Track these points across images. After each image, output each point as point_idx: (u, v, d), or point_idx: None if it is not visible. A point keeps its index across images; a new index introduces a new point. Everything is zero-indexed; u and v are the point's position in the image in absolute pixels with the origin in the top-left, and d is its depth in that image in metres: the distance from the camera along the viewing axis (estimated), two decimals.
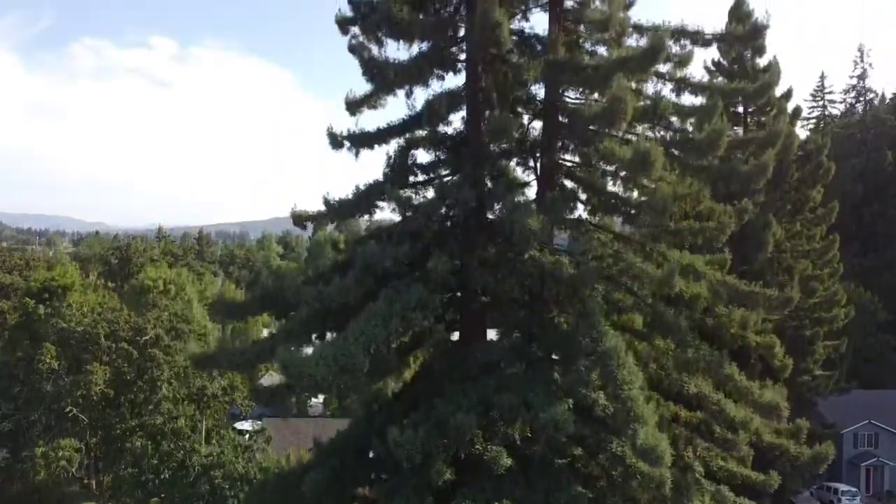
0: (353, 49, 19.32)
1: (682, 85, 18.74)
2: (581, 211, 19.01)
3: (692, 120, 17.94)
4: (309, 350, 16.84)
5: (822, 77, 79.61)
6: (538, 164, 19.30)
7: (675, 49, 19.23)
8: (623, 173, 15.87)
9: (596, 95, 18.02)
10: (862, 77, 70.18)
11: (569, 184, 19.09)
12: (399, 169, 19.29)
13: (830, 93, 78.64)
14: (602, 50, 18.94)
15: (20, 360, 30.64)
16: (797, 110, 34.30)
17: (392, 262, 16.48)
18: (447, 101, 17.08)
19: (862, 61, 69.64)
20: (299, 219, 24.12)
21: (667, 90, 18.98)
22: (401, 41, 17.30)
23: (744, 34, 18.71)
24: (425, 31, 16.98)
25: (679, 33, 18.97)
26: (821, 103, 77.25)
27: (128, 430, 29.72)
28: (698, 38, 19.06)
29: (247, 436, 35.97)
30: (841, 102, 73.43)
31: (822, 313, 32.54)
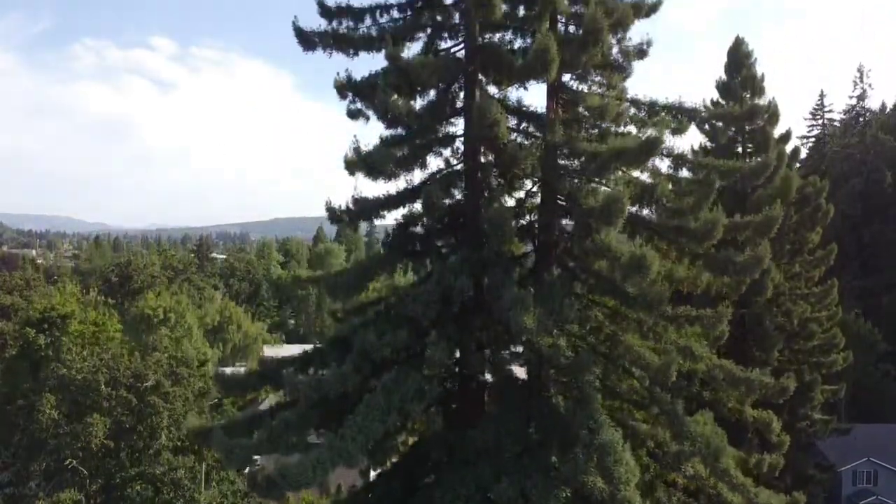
0: (352, 115, 19.48)
1: (679, 162, 18.79)
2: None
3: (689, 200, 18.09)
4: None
5: (822, 96, 79.66)
6: (536, 239, 19.41)
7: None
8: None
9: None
10: (861, 98, 70.28)
11: (566, 257, 19.17)
12: (398, 244, 19.41)
13: (830, 111, 78.77)
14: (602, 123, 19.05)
15: (21, 408, 30.68)
16: (795, 151, 34.33)
17: (390, 350, 16.57)
18: (445, 187, 17.17)
19: (861, 82, 69.81)
20: (298, 281, 24.20)
21: (664, 166, 19.14)
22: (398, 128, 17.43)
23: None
24: (423, 118, 17.04)
25: (676, 110, 19.05)
26: (820, 122, 77.34)
27: (128, 478, 29.78)
28: (695, 115, 19.13)
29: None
30: (840, 122, 73.45)
31: (820, 358, 32.57)
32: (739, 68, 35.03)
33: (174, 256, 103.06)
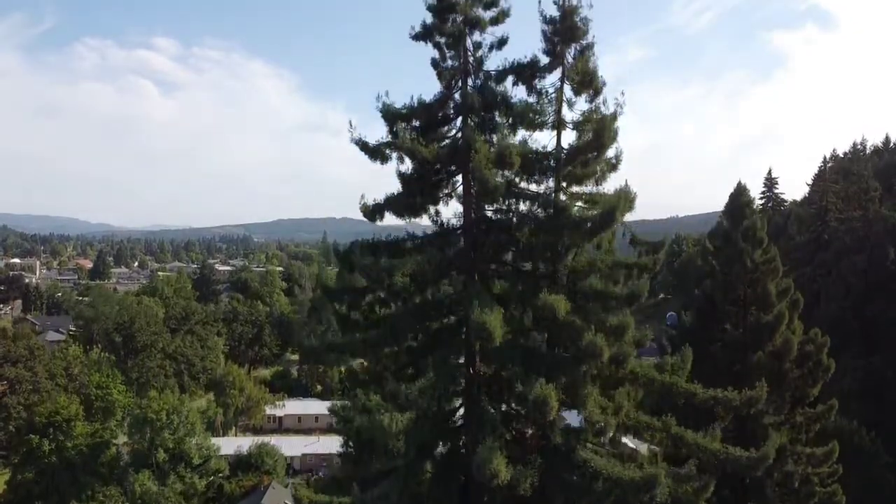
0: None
1: (679, 442, 18.88)
2: None
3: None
4: None
5: (825, 161, 79.53)
6: None
7: None
8: None
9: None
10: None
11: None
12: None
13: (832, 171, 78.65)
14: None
15: None
16: (796, 302, 34.31)
17: None
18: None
19: (865, 153, 69.59)
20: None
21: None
22: None
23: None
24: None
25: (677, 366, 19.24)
26: (823, 188, 77.23)
27: None
28: (693, 396, 19.22)
29: None
30: (842, 191, 73.34)
31: None
32: (741, 218, 35.05)
33: (177, 304, 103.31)
